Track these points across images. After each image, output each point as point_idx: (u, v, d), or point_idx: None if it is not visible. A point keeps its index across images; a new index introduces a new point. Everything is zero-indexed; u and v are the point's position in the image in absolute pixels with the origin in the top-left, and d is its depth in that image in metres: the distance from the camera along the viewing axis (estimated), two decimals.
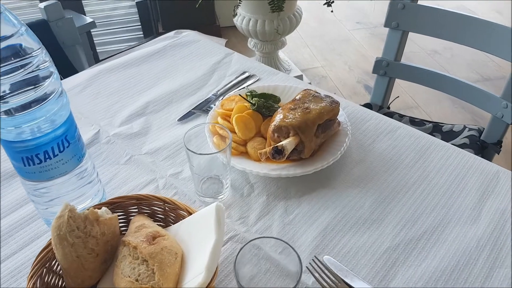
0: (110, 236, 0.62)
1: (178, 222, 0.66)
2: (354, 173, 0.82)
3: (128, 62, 1.16)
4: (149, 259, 0.57)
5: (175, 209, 0.67)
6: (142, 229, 0.62)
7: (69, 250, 0.59)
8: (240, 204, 0.78)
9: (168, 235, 0.61)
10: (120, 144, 0.91)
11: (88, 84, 1.10)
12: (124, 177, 0.84)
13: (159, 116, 0.98)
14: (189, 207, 0.65)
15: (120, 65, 1.16)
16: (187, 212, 0.65)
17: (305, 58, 2.92)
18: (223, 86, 1.06)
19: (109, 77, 1.12)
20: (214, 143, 0.84)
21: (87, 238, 0.60)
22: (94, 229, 0.61)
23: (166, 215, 0.69)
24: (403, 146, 0.88)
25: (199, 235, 0.61)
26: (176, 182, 0.82)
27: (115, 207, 0.68)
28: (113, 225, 0.63)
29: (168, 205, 0.67)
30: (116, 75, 1.12)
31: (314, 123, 0.81)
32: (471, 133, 1.45)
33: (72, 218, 0.59)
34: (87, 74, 1.14)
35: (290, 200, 0.78)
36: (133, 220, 0.66)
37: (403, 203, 0.77)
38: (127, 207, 0.69)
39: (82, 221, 0.60)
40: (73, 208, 0.60)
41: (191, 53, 1.18)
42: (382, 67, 1.50)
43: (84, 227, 0.60)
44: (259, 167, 0.81)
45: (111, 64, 1.16)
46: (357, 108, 0.98)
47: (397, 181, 0.81)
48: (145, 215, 0.68)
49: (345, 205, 0.77)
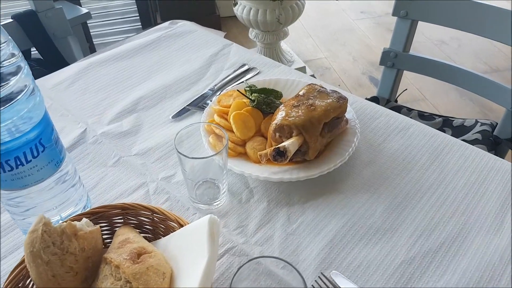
0: (91, 251, 0.55)
1: (168, 235, 0.58)
2: (364, 176, 0.75)
3: (120, 55, 1.09)
4: (133, 280, 0.50)
5: (165, 220, 0.59)
6: (126, 244, 0.55)
7: (44, 269, 0.52)
8: (238, 211, 0.71)
9: (156, 251, 0.54)
10: (108, 144, 0.83)
11: (76, 78, 1.03)
12: (111, 181, 0.76)
13: (151, 113, 0.91)
14: (180, 217, 0.58)
15: (111, 57, 1.08)
16: (177, 223, 0.58)
17: (308, 48, 2.83)
18: (220, 80, 0.99)
19: (99, 71, 1.04)
20: (210, 144, 0.76)
21: (64, 255, 0.53)
22: (72, 245, 0.54)
23: (154, 226, 0.62)
24: (417, 146, 0.81)
25: (190, 252, 0.53)
26: (168, 186, 0.75)
27: (98, 218, 0.61)
28: (94, 239, 0.56)
29: (156, 216, 0.60)
30: (106, 68, 1.05)
31: (319, 121, 0.73)
32: (483, 128, 1.37)
33: (47, 233, 0.53)
34: (76, 67, 1.06)
35: (293, 207, 0.71)
36: (117, 233, 0.59)
37: (418, 210, 0.70)
38: (112, 218, 0.62)
39: (59, 236, 0.53)
40: (48, 221, 0.53)
41: (187, 45, 1.11)
42: (389, 59, 1.42)
43: (60, 242, 0.53)
44: (259, 170, 0.73)
45: (102, 56, 1.09)
46: (366, 104, 0.90)
47: (411, 185, 0.74)
48: (131, 226, 0.61)
49: (354, 212, 0.69)
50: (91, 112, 0.92)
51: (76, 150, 0.83)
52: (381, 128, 0.84)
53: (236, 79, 0.99)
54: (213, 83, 0.98)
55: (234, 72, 1.01)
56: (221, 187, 0.71)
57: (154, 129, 0.87)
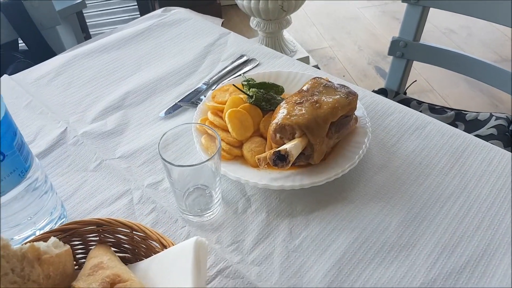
0: (58, 278, 0.47)
1: (150, 257, 0.50)
2: (376, 182, 0.66)
3: (107, 46, 1.00)
4: None
5: (146, 239, 0.51)
6: (98, 270, 0.47)
7: None
8: (233, 223, 0.62)
9: (133, 279, 0.46)
10: (90, 145, 0.75)
11: (60, 71, 0.94)
12: (91, 188, 0.68)
13: (139, 110, 0.82)
14: (163, 237, 0.50)
15: (98, 48, 0.99)
16: (160, 243, 0.49)
17: (312, 37, 2.73)
18: (216, 73, 0.90)
19: (85, 63, 0.95)
20: (202, 145, 0.68)
21: (25, 283, 0.45)
22: (35, 272, 0.45)
23: (134, 245, 0.53)
24: (435, 147, 0.72)
25: (173, 281, 0.45)
26: (155, 194, 0.66)
27: (69, 235, 0.53)
28: (62, 264, 0.48)
29: (137, 234, 0.52)
30: (92, 60, 0.96)
31: (326, 120, 0.65)
32: (498, 123, 1.28)
33: (5, 258, 0.44)
34: (60, 60, 0.97)
35: (296, 218, 0.62)
36: (90, 254, 0.51)
37: (438, 223, 0.61)
38: (86, 235, 0.53)
39: (19, 262, 0.45)
40: (7, 244, 0.45)
41: (180, 34, 1.02)
42: (399, 48, 1.33)
43: (21, 269, 0.45)
44: (257, 176, 0.65)
45: (88, 48, 1.00)
46: (376, 98, 0.81)
47: (429, 192, 0.65)
48: (107, 246, 0.53)
49: (366, 225, 0.61)
50: (73, 110, 0.83)
51: (55, 153, 0.74)
52: (395, 126, 0.75)
53: (234, 72, 0.90)
54: (208, 76, 0.89)
55: (231, 64, 0.92)
56: (214, 195, 0.63)
57: (142, 128, 0.78)
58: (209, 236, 0.60)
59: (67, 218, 0.64)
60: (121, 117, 0.80)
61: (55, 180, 0.70)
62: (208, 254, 0.56)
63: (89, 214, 0.64)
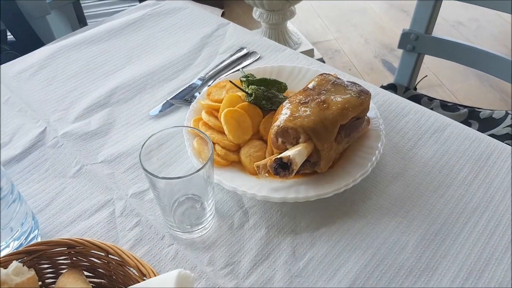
0: None
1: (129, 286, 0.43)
2: (391, 194, 0.59)
3: (96, 37, 0.92)
4: None
5: (123, 265, 0.44)
6: None
7: None
8: (228, 241, 0.54)
9: None
10: (70, 148, 0.67)
11: (44, 64, 0.86)
12: (69, 197, 0.61)
13: (126, 108, 0.74)
14: (142, 263, 0.42)
15: (86, 40, 0.91)
16: (138, 271, 0.42)
17: (317, 29, 2.65)
18: (213, 67, 0.82)
19: (71, 56, 0.88)
20: (194, 149, 0.60)
21: None
22: None
23: (111, 270, 0.46)
24: (456, 153, 0.64)
25: None
26: (140, 206, 0.59)
27: (37, 258, 0.45)
28: None
29: (113, 258, 0.44)
30: (80, 52, 0.88)
31: (334, 123, 0.57)
32: None
33: None
34: (45, 52, 0.90)
35: (300, 236, 0.55)
36: (59, 281, 0.43)
37: (462, 242, 0.53)
38: (55, 257, 0.46)
39: None
40: None
41: (175, 24, 0.94)
42: (409, 41, 1.25)
43: None
44: (256, 185, 0.57)
45: (76, 39, 0.92)
46: (389, 97, 0.73)
47: (451, 206, 0.57)
48: (79, 271, 0.45)
49: (380, 245, 0.53)
50: (55, 107, 0.76)
51: (32, 156, 0.67)
52: (410, 129, 0.67)
53: (232, 66, 0.83)
54: (204, 70, 0.82)
55: (230, 57, 0.84)
56: (207, 208, 0.55)
57: (129, 129, 0.70)
58: (200, 257, 0.53)
59: (39, 231, 0.56)
60: (106, 116, 0.73)
61: (31, 187, 0.63)
62: (196, 282, 0.49)
63: (65, 227, 0.57)
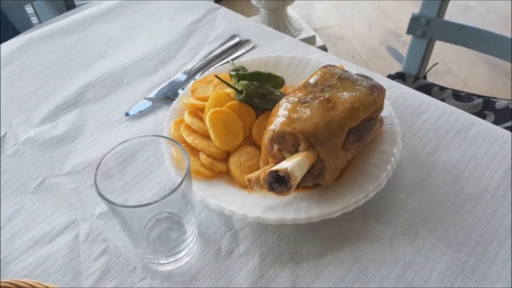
0: None
1: None
2: (410, 210, 0.49)
3: (70, 27, 0.82)
4: None
5: None
6: None
7: None
8: (213, 273, 0.45)
9: None
10: (32, 157, 0.58)
11: (11, 59, 0.76)
12: (28, 217, 0.51)
13: (100, 107, 0.65)
14: None
15: (59, 30, 0.81)
16: None
17: (318, 15, 2.54)
18: (201, 58, 0.72)
19: (41, 48, 0.78)
20: (173, 159, 0.50)
21: None
22: None
23: None
24: (485, 157, 0.54)
25: None
26: (108, 229, 0.49)
27: None
28: None
29: None
30: (51, 44, 0.78)
31: (342, 127, 0.47)
32: None
33: None
34: (13, 45, 0.80)
35: (301, 265, 0.45)
36: None
37: (498, 270, 0.44)
38: None
39: None
40: None
41: (159, 10, 0.83)
42: (420, 26, 1.14)
43: None
44: (247, 202, 0.48)
45: (48, 29, 0.82)
46: (404, 91, 0.63)
47: (482, 225, 0.47)
48: None
49: (398, 275, 0.43)
50: (19, 107, 0.66)
51: None
52: (430, 129, 0.57)
53: (223, 57, 0.72)
54: (191, 63, 0.71)
55: (220, 46, 0.74)
56: (188, 230, 0.46)
57: (101, 132, 0.61)
58: None
59: None
60: (76, 117, 0.63)
61: None
62: None
63: (21, 256, 0.48)
